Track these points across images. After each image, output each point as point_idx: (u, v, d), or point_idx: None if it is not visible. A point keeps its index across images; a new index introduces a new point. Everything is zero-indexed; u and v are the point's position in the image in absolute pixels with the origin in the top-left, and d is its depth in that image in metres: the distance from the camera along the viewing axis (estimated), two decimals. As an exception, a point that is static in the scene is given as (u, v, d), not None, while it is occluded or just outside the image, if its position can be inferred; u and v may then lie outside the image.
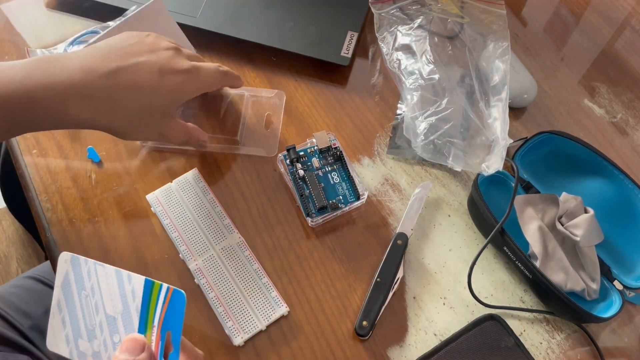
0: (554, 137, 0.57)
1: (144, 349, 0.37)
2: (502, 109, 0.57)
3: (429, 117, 0.57)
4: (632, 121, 0.64)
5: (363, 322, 0.49)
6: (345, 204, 0.55)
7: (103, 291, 0.40)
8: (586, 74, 0.67)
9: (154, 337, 0.38)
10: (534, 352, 0.49)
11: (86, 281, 0.41)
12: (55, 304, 0.42)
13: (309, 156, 0.57)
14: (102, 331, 0.40)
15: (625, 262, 0.54)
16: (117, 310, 0.40)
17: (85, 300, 0.41)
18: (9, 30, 0.64)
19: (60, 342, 0.42)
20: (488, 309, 0.51)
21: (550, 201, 0.54)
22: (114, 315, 0.40)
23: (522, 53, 0.67)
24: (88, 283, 0.41)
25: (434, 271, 0.53)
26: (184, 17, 0.63)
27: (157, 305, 0.38)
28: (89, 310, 0.41)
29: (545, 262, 0.52)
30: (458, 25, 0.64)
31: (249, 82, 0.63)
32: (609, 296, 0.52)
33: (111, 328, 0.40)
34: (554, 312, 0.52)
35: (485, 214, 0.52)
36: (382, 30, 0.64)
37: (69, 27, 0.64)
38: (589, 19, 0.72)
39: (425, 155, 0.57)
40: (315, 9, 0.66)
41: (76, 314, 0.41)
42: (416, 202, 0.55)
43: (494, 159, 0.55)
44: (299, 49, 0.63)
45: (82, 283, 0.41)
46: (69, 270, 0.41)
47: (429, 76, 0.59)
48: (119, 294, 0.40)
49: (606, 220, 0.54)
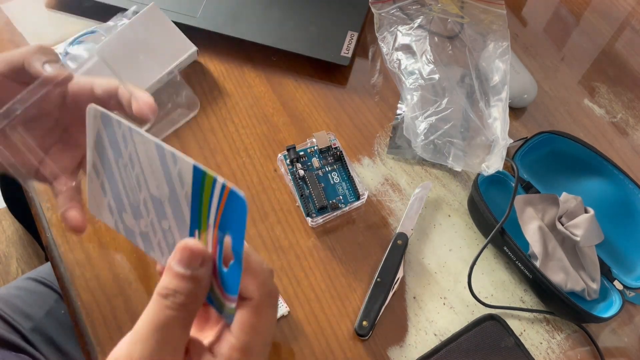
0: (554, 137, 0.57)
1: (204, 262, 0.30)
2: (502, 109, 0.57)
3: (429, 117, 0.57)
4: (632, 121, 0.64)
5: (363, 322, 0.49)
6: (346, 204, 0.55)
7: (144, 165, 0.32)
8: (586, 74, 0.67)
9: (210, 237, 0.30)
10: (534, 352, 0.49)
11: (122, 147, 0.33)
12: (91, 166, 0.35)
13: (309, 156, 0.57)
14: (147, 211, 0.33)
15: (626, 262, 0.54)
16: (162, 193, 0.32)
17: (125, 170, 0.33)
18: (9, 30, 0.64)
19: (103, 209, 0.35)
20: (488, 309, 0.51)
21: (551, 201, 0.54)
22: (159, 198, 0.32)
23: (522, 53, 0.67)
24: (125, 151, 0.33)
25: (434, 271, 0.53)
26: (184, 17, 0.63)
27: (211, 202, 0.30)
28: (130, 183, 0.33)
29: (546, 262, 0.52)
30: (458, 25, 0.64)
31: (249, 83, 0.63)
32: (609, 296, 0.52)
33: (158, 211, 0.33)
34: (554, 312, 0.52)
35: (486, 214, 0.52)
36: (382, 30, 0.64)
37: (69, 27, 0.64)
38: (589, 19, 0.72)
39: (425, 155, 0.57)
40: (315, 9, 0.66)
41: (116, 183, 0.34)
42: (416, 202, 0.55)
43: (494, 159, 0.55)
44: (299, 49, 0.63)
45: (118, 148, 0.33)
46: (100, 129, 0.33)
47: (429, 76, 0.59)
48: (163, 174, 0.31)
49: (606, 220, 0.54)
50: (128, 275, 0.51)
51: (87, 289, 0.50)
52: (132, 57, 0.58)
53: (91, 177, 0.35)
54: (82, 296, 0.50)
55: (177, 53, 0.60)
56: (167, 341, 0.29)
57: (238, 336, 0.30)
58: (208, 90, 0.62)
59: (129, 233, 0.34)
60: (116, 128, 0.33)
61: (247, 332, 0.30)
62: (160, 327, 0.28)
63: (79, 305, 0.50)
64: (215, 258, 0.30)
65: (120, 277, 0.51)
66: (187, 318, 0.29)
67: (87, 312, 0.49)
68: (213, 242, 0.30)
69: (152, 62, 0.58)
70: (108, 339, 0.48)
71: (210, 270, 0.30)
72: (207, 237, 0.30)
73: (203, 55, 0.64)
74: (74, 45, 0.61)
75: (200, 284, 0.29)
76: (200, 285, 0.30)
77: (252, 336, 0.30)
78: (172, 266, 0.29)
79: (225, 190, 0.29)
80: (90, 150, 0.34)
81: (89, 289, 0.50)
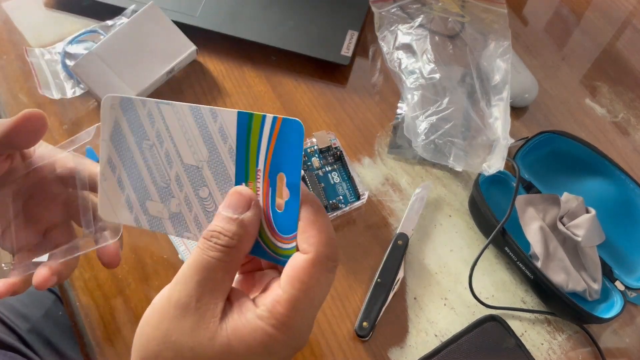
0: (555, 136, 0.57)
1: (251, 205, 0.29)
2: (503, 109, 0.57)
3: (430, 116, 0.57)
4: (633, 121, 0.64)
5: (363, 323, 0.49)
6: (346, 204, 0.54)
7: (176, 136, 0.31)
8: (587, 74, 0.67)
9: (260, 184, 0.30)
10: (535, 353, 0.49)
11: (148, 128, 0.32)
12: (105, 162, 0.33)
13: (309, 156, 0.56)
14: (181, 187, 0.32)
15: (627, 263, 0.54)
16: (200, 158, 0.31)
17: (151, 151, 0.32)
18: (8, 30, 0.64)
19: (119, 208, 0.34)
20: (489, 310, 0.51)
21: (552, 201, 0.54)
22: (196, 165, 0.31)
23: (523, 52, 0.67)
24: (152, 130, 0.32)
25: (434, 272, 0.53)
26: (184, 16, 0.63)
27: (260, 142, 0.29)
28: (158, 164, 0.32)
29: (547, 262, 0.51)
30: (459, 24, 0.63)
31: (248, 82, 0.63)
32: (610, 297, 0.52)
33: (194, 181, 0.31)
34: (555, 312, 0.51)
35: (487, 214, 0.52)
36: (382, 29, 0.64)
37: (67, 26, 0.64)
38: (590, 18, 0.72)
39: (426, 155, 0.57)
40: (316, 8, 0.65)
41: (139, 172, 0.33)
42: (417, 202, 0.55)
43: (495, 158, 0.54)
44: (299, 49, 0.62)
45: (142, 131, 0.32)
46: (119, 117, 0.32)
47: (430, 75, 0.59)
48: (201, 136, 0.31)
49: (608, 220, 0.54)
50: (127, 276, 0.51)
51: (86, 289, 0.50)
52: (131, 56, 0.57)
53: (105, 175, 0.34)
54: (81, 297, 0.50)
55: (176, 52, 0.59)
56: (207, 283, 0.28)
57: (285, 289, 0.28)
58: (207, 89, 0.62)
59: (153, 223, 0.33)
60: (139, 109, 0.32)
61: (296, 286, 0.28)
62: (202, 268, 0.28)
63: (78, 306, 0.49)
64: (267, 205, 0.30)
65: (119, 277, 0.51)
66: (230, 262, 0.29)
67: (85, 313, 0.49)
68: (264, 189, 0.30)
69: (151, 61, 0.58)
70: (107, 340, 0.48)
71: (258, 216, 0.30)
72: (257, 184, 0.30)
73: (202, 54, 0.63)
74: (73, 45, 0.61)
75: (246, 228, 0.29)
76: (246, 230, 0.29)
77: (301, 292, 0.28)
78: (220, 211, 0.29)
79: (277, 122, 0.28)
80: (106, 145, 0.33)
81: (87, 289, 0.50)
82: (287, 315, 0.28)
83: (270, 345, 0.28)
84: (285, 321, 0.28)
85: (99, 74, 0.56)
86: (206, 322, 0.28)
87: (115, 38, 0.57)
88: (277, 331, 0.28)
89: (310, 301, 0.28)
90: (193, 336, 0.27)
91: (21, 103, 0.59)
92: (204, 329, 0.27)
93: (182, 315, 0.28)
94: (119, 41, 0.57)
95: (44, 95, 0.58)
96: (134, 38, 0.58)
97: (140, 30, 0.58)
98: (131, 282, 0.50)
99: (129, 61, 0.57)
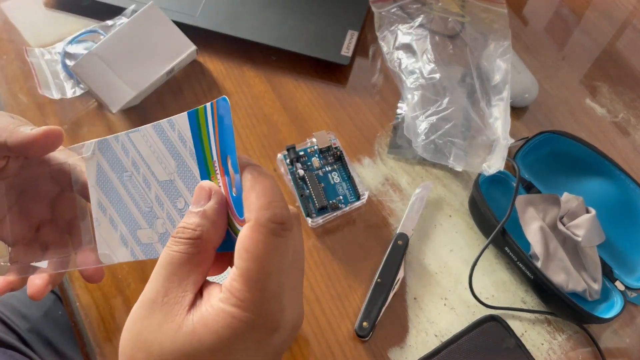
0: (556, 136, 0.57)
1: (210, 194, 0.29)
2: (503, 109, 0.57)
3: (430, 116, 0.57)
4: (633, 121, 0.64)
5: (363, 323, 0.49)
6: (346, 204, 0.54)
7: (147, 158, 0.32)
8: (587, 74, 0.67)
9: (219, 175, 0.30)
10: (535, 353, 0.49)
11: (124, 159, 0.33)
12: (96, 207, 0.35)
13: (309, 156, 0.56)
14: (162, 205, 0.33)
15: (627, 263, 0.54)
16: (170, 170, 0.32)
17: (131, 181, 0.33)
18: (8, 30, 0.64)
19: (116, 248, 0.34)
20: (489, 310, 0.51)
21: (552, 201, 0.54)
22: (169, 179, 0.32)
23: (523, 52, 0.67)
24: (127, 160, 0.33)
25: (434, 272, 0.53)
26: (183, 16, 0.63)
27: (209, 134, 0.30)
28: (139, 190, 0.33)
29: (547, 262, 0.51)
30: (459, 24, 0.63)
31: (248, 82, 0.63)
32: (610, 297, 0.52)
33: (171, 195, 0.32)
34: (555, 312, 0.51)
35: (487, 214, 0.52)
36: (382, 29, 0.64)
37: (67, 26, 0.64)
38: (590, 18, 0.72)
39: (426, 155, 0.57)
40: (315, 8, 0.65)
41: (125, 205, 0.34)
42: (417, 202, 0.55)
43: (495, 158, 0.54)
44: (299, 48, 0.62)
45: (120, 165, 0.34)
46: (100, 161, 0.34)
47: (430, 75, 0.59)
48: (167, 150, 0.32)
49: (608, 220, 0.54)
50: (127, 276, 0.51)
51: (86, 289, 0.50)
52: (131, 56, 0.57)
53: (99, 219, 0.35)
54: (81, 297, 0.50)
55: (176, 52, 0.59)
56: (174, 277, 0.28)
57: (237, 264, 0.27)
58: (207, 89, 0.62)
59: (147, 251, 0.34)
60: (114, 146, 0.34)
61: (244, 257, 0.27)
62: (167, 264, 0.28)
63: (78, 306, 0.49)
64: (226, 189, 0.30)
65: (119, 278, 0.51)
66: (197, 254, 0.28)
67: (85, 313, 0.49)
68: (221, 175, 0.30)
69: (151, 61, 0.58)
70: (107, 339, 0.48)
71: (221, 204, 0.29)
72: (217, 178, 0.30)
73: (202, 54, 0.63)
74: (73, 45, 0.61)
75: (208, 218, 0.29)
76: (210, 219, 0.29)
77: (250, 262, 0.26)
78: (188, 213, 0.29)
79: (213, 108, 0.29)
80: (94, 190, 0.35)
81: (87, 289, 0.50)
82: (245, 290, 0.26)
83: (237, 326, 0.26)
84: (245, 297, 0.26)
85: (99, 74, 0.56)
86: (173, 315, 0.27)
87: (115, 38, 0.57)
88: (240, 309, 0.26)
89: (266, 271, 0.27)
90: (161, 331, 0.27)
91: (21, 103, 0.59)
92: (170, 322, 0.27)
93: (149, 314, 0.27)
94: (119, 41, 0.57)
95: (44, 95, 0.58)
96: (134, 38, 0.58)
97: (140, 30, 0.58)
98: (131, 282, 0.50)
99: (129, 61, 0.57)
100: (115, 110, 0.57)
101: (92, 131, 0.58)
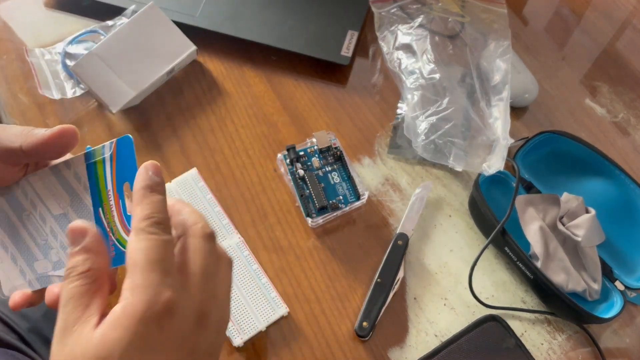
0: (556, 136, 0.57)
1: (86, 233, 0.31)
2: (503, 109, 0.57)
3: (430, 116, 0.57)
4: (633, 121, 0.64)
5: (363, 323, 0.49)
6: (346, 204, 0.54)
7: (44, 197, 0.36)
8: (587, 74, 0.67)
9: (112, 201, 0.34)
10: (535, 353, 0.49)
11: (23, 201, 0.37)
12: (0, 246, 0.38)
13: (309, 156, 0.56)
14: (55, 236, 0.36)
15: (627, 263, 0.54)
16: (64, 205, 0.35)
17: (29, 219, 0.37)
18: (7, 30, 0.64)
19: (16, 280, 0.37)
20: (489, 310, 0.51)
21: (552, 201, 0.54)
22: (63, 212, 0.36)
23: (523, 52, 0.67)
24: (26, 201, 0.36)
25: (434, 272, 0.53)
26: (184, 16, 0.63)
27: (104, 168, 0.34)
28: (36, 226, 0.36)
29: (547, 262, 0.51)
30: (459, 24, 0.63)
31: (248, 82, 0.63)
32: (610, 297, 0.52)
33: (64, 226, 0.35)
34: (555, 312, 0.51)
35: (487, 214, 0.52)
36: (382, 29, 0.64)
37: (67, 27, 0.64)
38: (590, 18, 0.72)
39: (426, 155, 0.57)
40: (315, 8, 0.65)
41: (24, 241, 0.37)
42: (417, 202, 0.55)
43: (495, 158, 0.54)
44: (299, 49, 0.62)
45: (19, 206, 0.37)
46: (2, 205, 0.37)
47: (430, 75, 0.59)
48: (62, 187, 0.35)
49: (608, 220, 0.54)
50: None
51: (86, 289, 0.50)
52: (131, 56, 0.57)
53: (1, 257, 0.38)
54: (81, 297, 0.50)
55: (176, 52, 0.59)
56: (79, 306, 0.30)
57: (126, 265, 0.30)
58: (207, 89, 0.62)
59: (43, 280, 0.36)
60: (15, 190, 0.37)
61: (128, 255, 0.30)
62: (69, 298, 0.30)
63: (78, 306, 0.49)
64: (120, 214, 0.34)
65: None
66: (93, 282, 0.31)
67: (85, 312, 0.49)
68: (116, 202, 0.34)
69: (151, 61, 0.58)
70: (107, 339, 0.48)
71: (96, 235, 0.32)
72: (110, 202, 0.34)
73: (202, 54, 0.63)
74: (73, 45, 0.61)
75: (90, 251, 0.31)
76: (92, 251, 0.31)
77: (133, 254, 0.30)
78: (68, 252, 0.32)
79: (113, 145, 0.33)
80: None
81: (87, 289, 0.50)
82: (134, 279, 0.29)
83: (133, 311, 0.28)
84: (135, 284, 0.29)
85: (99, 74, 0.56)
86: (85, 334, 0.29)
87: (115, 38, 0.57)
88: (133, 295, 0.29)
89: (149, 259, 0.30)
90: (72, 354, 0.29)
91: (21, 103, 0.59)
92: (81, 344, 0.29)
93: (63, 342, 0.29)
94: (119, 41, 0.57)
95: (44, 95, 0.58)
96: (134, 38, 0.58)
97: (140, 31, 0.58)
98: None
99: (129, 61, 0.57)
100: (116, 110, 0.57)
101: (93, 131, 0.58)
